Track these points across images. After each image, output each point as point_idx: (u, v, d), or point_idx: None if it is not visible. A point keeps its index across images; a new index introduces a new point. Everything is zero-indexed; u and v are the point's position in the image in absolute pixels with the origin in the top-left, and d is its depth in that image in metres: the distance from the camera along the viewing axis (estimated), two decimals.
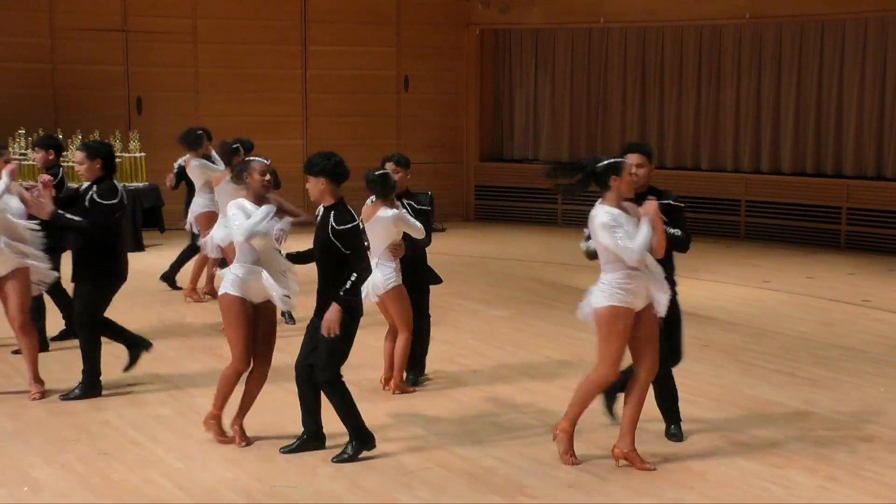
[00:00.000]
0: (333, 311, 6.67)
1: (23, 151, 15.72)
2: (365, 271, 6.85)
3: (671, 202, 6.94)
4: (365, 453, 6.92)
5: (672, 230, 6.77)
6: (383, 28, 18.68)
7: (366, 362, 9.29)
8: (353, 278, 6.68)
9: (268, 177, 7.08)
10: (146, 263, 14.43)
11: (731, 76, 17.44)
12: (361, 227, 7.16)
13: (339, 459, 6.85)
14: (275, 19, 18.01)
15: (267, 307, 7.16)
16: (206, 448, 7.09)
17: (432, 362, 9.03)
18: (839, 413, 7.90)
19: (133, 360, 8.67)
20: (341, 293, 6.65)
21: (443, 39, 19.08)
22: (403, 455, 6.97)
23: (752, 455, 6.98)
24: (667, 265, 6.78)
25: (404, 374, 8.49)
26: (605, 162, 6.56)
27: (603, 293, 6.55)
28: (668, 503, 6.23)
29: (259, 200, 7.06)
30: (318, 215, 6.89)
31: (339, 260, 6.68)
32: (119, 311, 11.32)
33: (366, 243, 7.81)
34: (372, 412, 7.70)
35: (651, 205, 6.55)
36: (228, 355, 9.49)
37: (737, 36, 17.35)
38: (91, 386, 8.24)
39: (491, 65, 19.61)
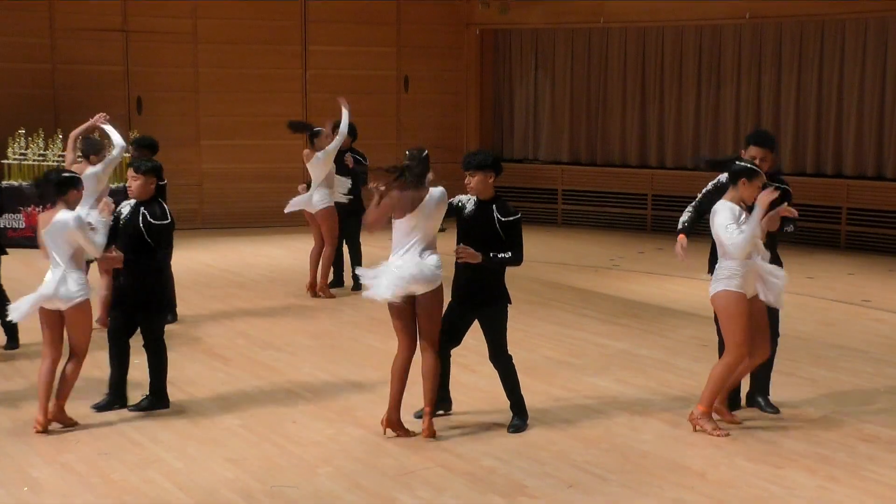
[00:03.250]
0: (475, 255, 7.12)
1: (22, 151, 15.74)
2: (517, 260, 7.34)
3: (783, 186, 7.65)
4: (364, 453, 6.94)
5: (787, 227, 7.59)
6: (383, 28, 18.68)
7: (366, 362, 9.30)
8: (507, 255, 7.25)
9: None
10: None
11: (731, 76, 17.44)
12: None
13: (516, 430, 7.36)
14: (275, 19, 18.01)
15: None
16: (206, 448, 7.09)
17: None
18: (839, 413, 7.90)
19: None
20: (492, 255, 7.18)
21: (443, 39, 19.08)
22: (403, 455, 6.97)
23: (752, 455, 6.97)
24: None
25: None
26: (745, 166, 7.24)
27: (719, 279, 7.22)
28: (667, 503, 6.23)
29: None
30: (461, 205, 7.29)
31: (501, 247, 7.27)
32: None
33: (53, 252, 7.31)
34: (373, 412, 7.70)
35: (764, 196, 7.12)
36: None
37: (737, 36, 17.35)
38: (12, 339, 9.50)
39: (491, 65, 19.61)
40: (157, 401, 7.87)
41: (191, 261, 14.43)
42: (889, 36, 15.94)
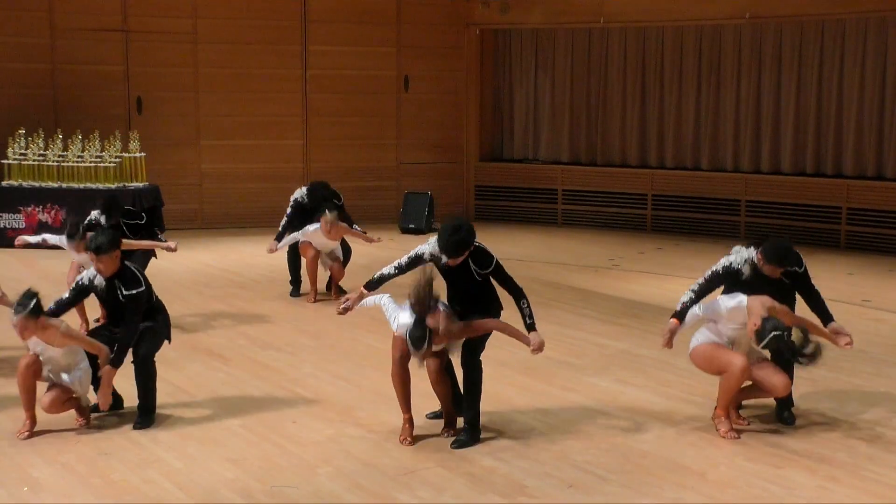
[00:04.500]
0: (541, 341, 7.20)
1: (22, 151, 15.74)
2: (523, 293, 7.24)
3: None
4: (364, 453, 6.94)
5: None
6: (383, 28, 18.68)
7: (366, 362, 9.31)
8: (525, 307, 7.19)
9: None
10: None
11: (731, 76, 17.44)
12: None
13: (461, 445, 7.11)
14: (275, 19, 18.01)
15: None
16: (206, 448, 7.09)
17: None
18: (839, 413, 7.91)
19: None
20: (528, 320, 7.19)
21: (443, 39, 19.07)
22: (403, 455, 6.97)
23: (752, 455, 6.98)
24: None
25: None
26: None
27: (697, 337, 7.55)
28: (668, 503, 6.23)
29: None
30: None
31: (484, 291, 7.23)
32: None
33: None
34: (373, 412, 7.70)
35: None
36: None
37: (737, 36, 17.35)
38: None
39: (491, 65, 19.60)
40: (146, 418, 7.57)
41: (191, 261, 14.43)
42: (889, 36, 15.95)
